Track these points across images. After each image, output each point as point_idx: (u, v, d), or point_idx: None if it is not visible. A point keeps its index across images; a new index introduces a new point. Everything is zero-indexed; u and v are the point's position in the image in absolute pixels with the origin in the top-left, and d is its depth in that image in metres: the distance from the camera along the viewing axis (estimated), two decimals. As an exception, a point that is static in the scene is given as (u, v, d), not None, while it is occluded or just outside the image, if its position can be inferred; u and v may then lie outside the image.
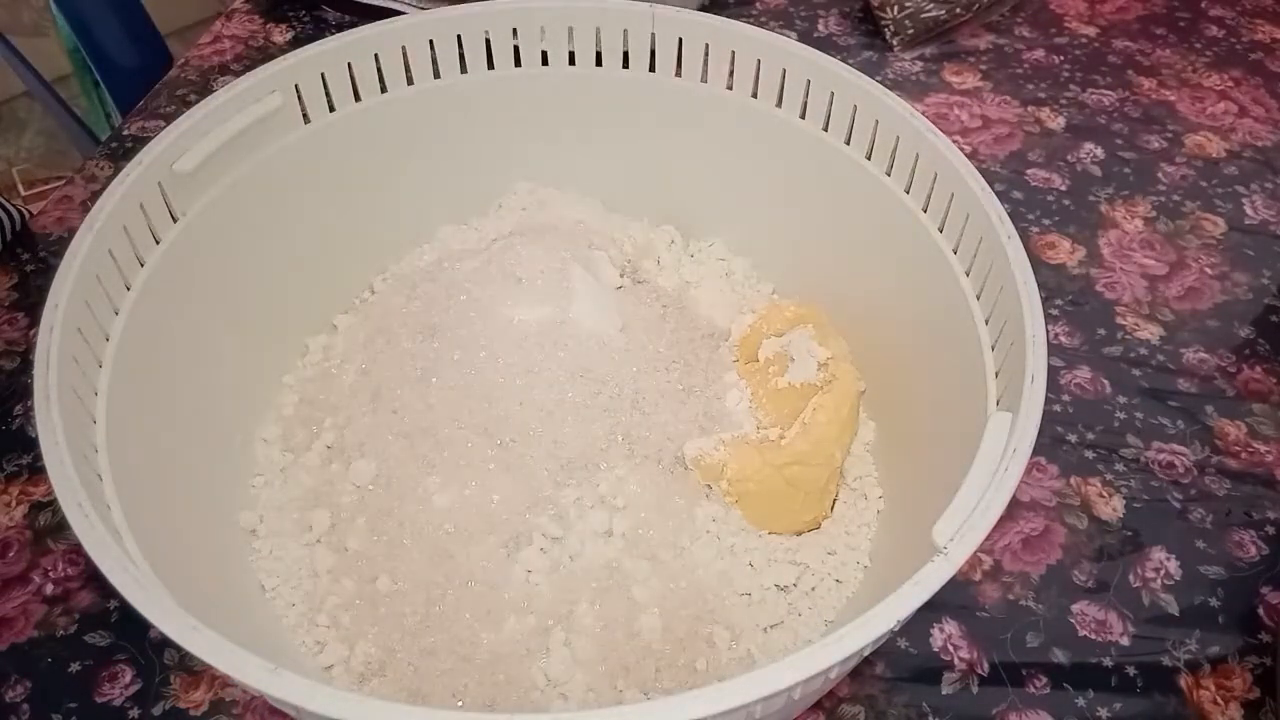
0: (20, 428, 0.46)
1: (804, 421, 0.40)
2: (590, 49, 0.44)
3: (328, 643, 0.38)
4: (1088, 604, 0.42)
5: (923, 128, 0.38)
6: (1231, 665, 0.40)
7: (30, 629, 0.40)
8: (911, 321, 0.41)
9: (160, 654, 0.39)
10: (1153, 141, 0.60)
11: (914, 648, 0.40)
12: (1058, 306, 0.52)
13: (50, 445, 0.30)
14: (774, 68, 0.42)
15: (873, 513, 0.42)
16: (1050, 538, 0.44)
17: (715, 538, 0.41)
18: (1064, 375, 0.49)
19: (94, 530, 0.28)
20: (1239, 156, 0.59)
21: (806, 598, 0.40)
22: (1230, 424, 0.47)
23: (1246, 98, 0.62)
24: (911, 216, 0.40)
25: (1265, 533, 0.44)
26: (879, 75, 0.62)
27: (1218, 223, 0.56)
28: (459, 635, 0.38)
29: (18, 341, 0.48)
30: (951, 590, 0.28)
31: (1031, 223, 0.55)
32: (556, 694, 0.37)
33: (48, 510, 0.43)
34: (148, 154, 0.37)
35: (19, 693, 0.38)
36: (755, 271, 0.49)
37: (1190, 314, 0.52)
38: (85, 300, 0.34)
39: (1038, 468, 0.46)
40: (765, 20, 0.66)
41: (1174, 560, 0.43)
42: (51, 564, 0.42)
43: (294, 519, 0.41)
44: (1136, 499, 0.45)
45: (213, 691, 0.38)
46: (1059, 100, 0.62)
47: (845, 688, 0.39)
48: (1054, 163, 0.59)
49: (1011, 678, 0.40)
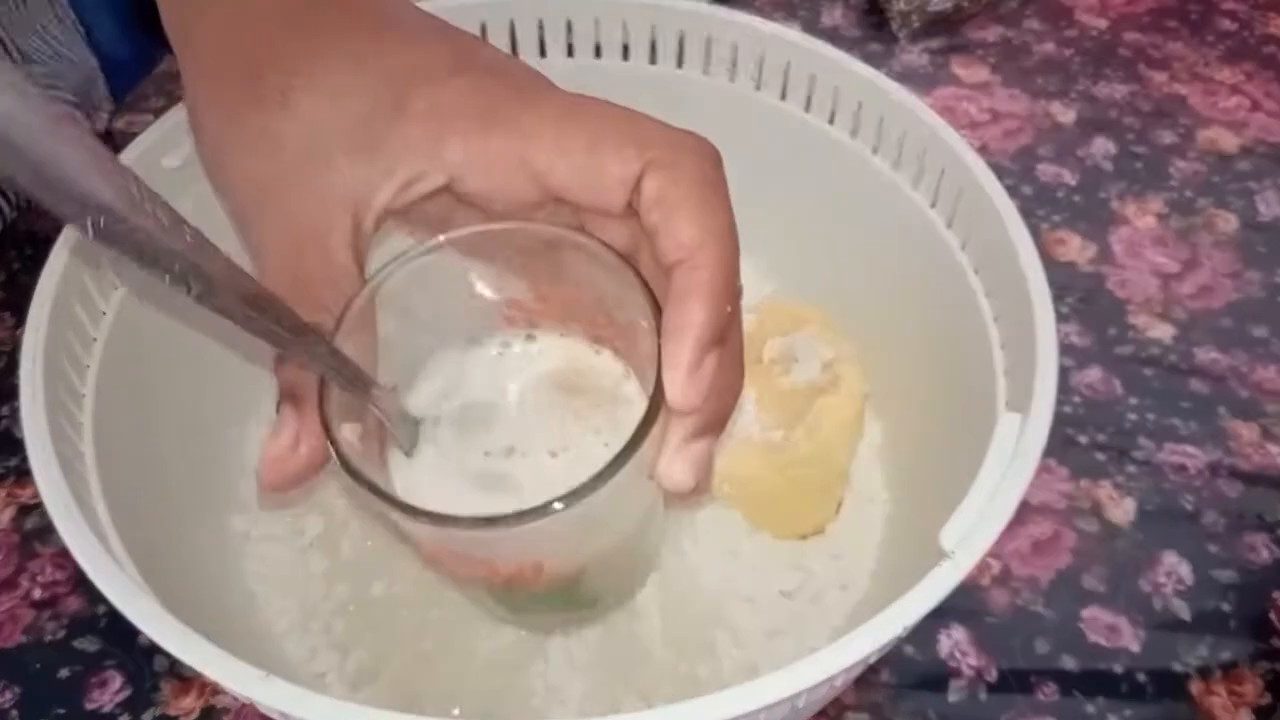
0: (7, 429, 0.45)
1: (808, 423, 0.40)
2: (589, 41, 0.43)
3: (320, 649, 0.38)
4: (1098, 609, 0.41)
5: (931, 121, 0.38)
6: (1243, 671, 0.39)
7: (18, 634, 0.39)
8: (918, 321, 0.41)
9: (150, 660, 0.39)
10: (1165, 136, 0.59)
11: (920, 654, 0.40)
12: (1068, 305, 0.51)
13: (36, 447, 0.30)
14: (777, 60, 0.41)
15: (879, 516, 0.41)
16: (1060, 542, 0.43)
17: (717, 541, 0.40)
18: (1074, 375, 0.48)
19: (81, 534, 0.28)
20: (1252, 152, 0.58)
21: (811, 603, 0.39)
22: (1244, 425, 0.47)
23: (1259, 92, 0.62)
24: (919, 212, 0.39)
25: (1278, 536, 0.43)
26: (885, 68, 0.61)
27: (1230, 219, 0.55)
28: (455, 641, 0.38)
29: (4, 341, 0.48)
30: (959, 595, 0.28)
31: (1041, 219, 0.55)
32: (555, 701, 0.37)
33: (35, 513, 0.43)
34: (135, 149, 0.36)
35: (7, 699, 0.38)
36: (757, 270, 0.48)
37: (1203, 313, 0.51)
38: (73, 300, 0.34)
39: (1047, 470, 0.45)
40: (769, 12, 0.65)
41: (1186, 564, 0.42)
42: (39, 568, 0.41)
43: (286, 523, 0.41)
44: (1148, 502, 0.44)
45: (203, 698, 0.38)
46: (1069, 94, 0.61)
47: (850, 695, 0.38)
48: (1064, 158, 0.58)
49: (1020, 685, 0.39)
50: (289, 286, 0.28)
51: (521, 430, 0.30)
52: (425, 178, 0.28)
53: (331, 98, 0.28)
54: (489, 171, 0.27)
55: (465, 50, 0.29)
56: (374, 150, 0.27)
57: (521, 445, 0.30)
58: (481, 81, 0.28)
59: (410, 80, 0.28)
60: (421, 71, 0.28)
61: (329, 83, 0.28)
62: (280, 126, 0.28)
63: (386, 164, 0.27)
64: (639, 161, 0.26)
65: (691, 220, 0.25)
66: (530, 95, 0.28)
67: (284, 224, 0.28)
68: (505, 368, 0.31)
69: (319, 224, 0.28)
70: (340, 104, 0.28)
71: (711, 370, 0.25)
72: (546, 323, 0.31)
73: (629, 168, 0.26)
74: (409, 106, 0.27)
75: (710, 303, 0.25)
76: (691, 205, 0.26)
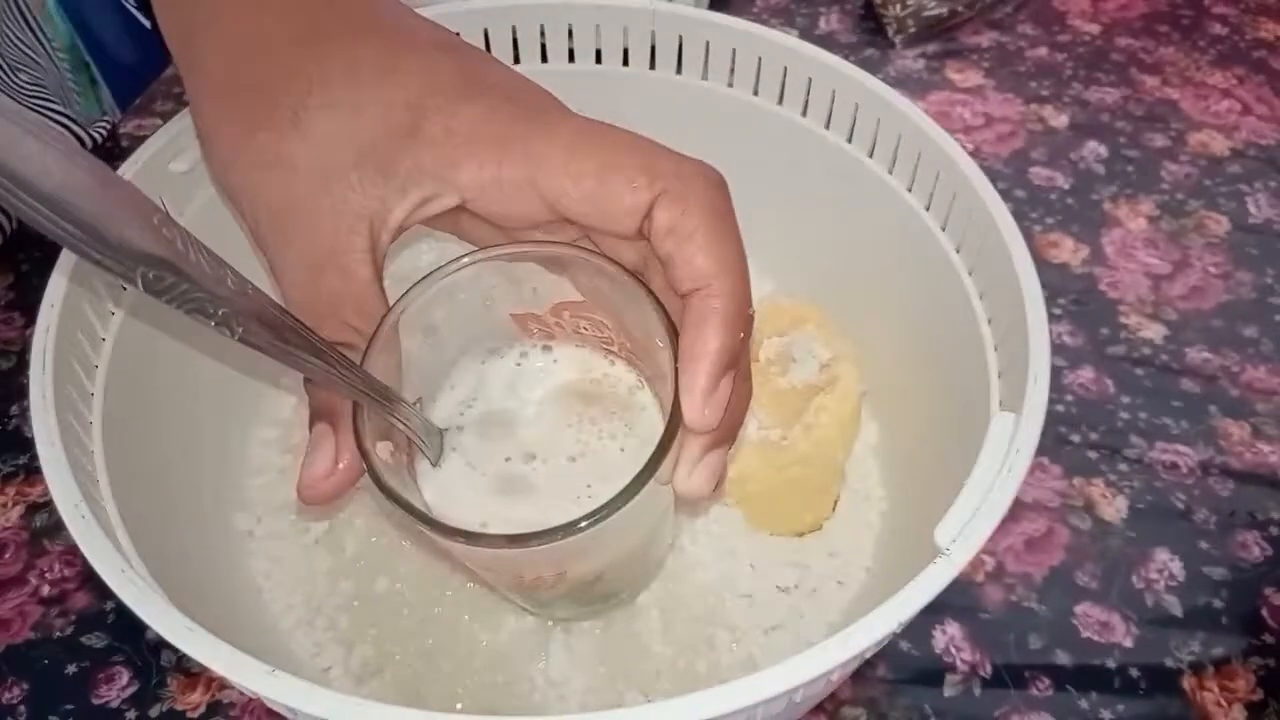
0: (16, 428, 0.46)
1: (805, 422, 0.40)
2: (590, 46, 0.44)
3: (325, 644, 0.38)
4: (1091, 605, 0.41)
5: (925, 125, 0.38)
6: (1235, 667, 0.40)
7: (27, 630, 0.40)
8: (914, 321, 0.41)
9: (157, 656, 0.39)
10: (1156, 140, 0.59)
11: (916, 649, 0.40)
12: (1061, 306, 0.51)
13: (46, 446, 0.30)
14: (775, 65, 0.42)
15: (875, 514, 0.42)
16: (1053, 539, 0.43)
17: (716, 539, 0.41)
18: (1067, 375, 0.49)
19: (90, 531, 0.28)
20: (1243, 155, 0.59)
21: (808, 599, 0.39)
22: (1234, 424, 0.47)
23: (1250, 96, 0.62)
24: (914, 215, 0.39)
25: (1269, 534, 0.44)
26: (881, 73, 0.62)
27: (1221, 221, 0.56)
28: (458, 637, 0.38)
29: (14, 341, 0.48)
30: (954, 592, 0.28)
31: (1034, 221, 0.55)
32: (555, 696, 0.37)
33: (44, 511, 0.43)
34: (143, 153, 0.37)
35: (16, 695, 0.38)
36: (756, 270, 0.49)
37: (1194, 313, 0.51)
38: (81, 301, 0.34)
39: (1040, 468, 0.45)
40: (766, 17, 0.66)
41: (1177, 561, 0.43)
42: (48, 565, 0.41)
43: (291, 520, 0.41)
44: (1140, 500, 0.44)
45: (210, 693, 0.38)
46: (1062, 98, 0.62)
47: (847, 690, 0.39)
48: (1057, 161, 0.58)
49: (1014, 680, 0.39)
50: (312, 306, 0.28)
51: (541, 437, 0.31)
52: (438, 198, 0.28)
53: (344, 119, 0.28)
54: (501, 196, 0.27)
55: (474, 70, 0.29)
56: (388, 171, 0.28)
57: (541, 451, 0.30)
58: (494, 107, 0.28)
59: (421, 102, 0.28)
60: (432, 93, 0.28)
61: (341, 104, 0.28)
62: (293, 148, 0.28)
63: (400, 184, 0.28)
64: (649, 192, 0.26)
65: (704, 250, 0.26)
66: (541, 122, 0.28)
67: (302, 246, 0.28)
68: (524, 378, 0.32)
69: (336, 244, 0.28)
70: (352, 125, 0.28)
71: (727, 393, 0.26)
72: (562, 334, 0.32)
73: (640, 197, 0.26)
74: (422, 131, 0.27)
75: (725, 331, 0.26)
76: (703, 235, 0.26)
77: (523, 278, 0.31)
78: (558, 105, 0.30)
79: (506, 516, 0.28)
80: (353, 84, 0.28)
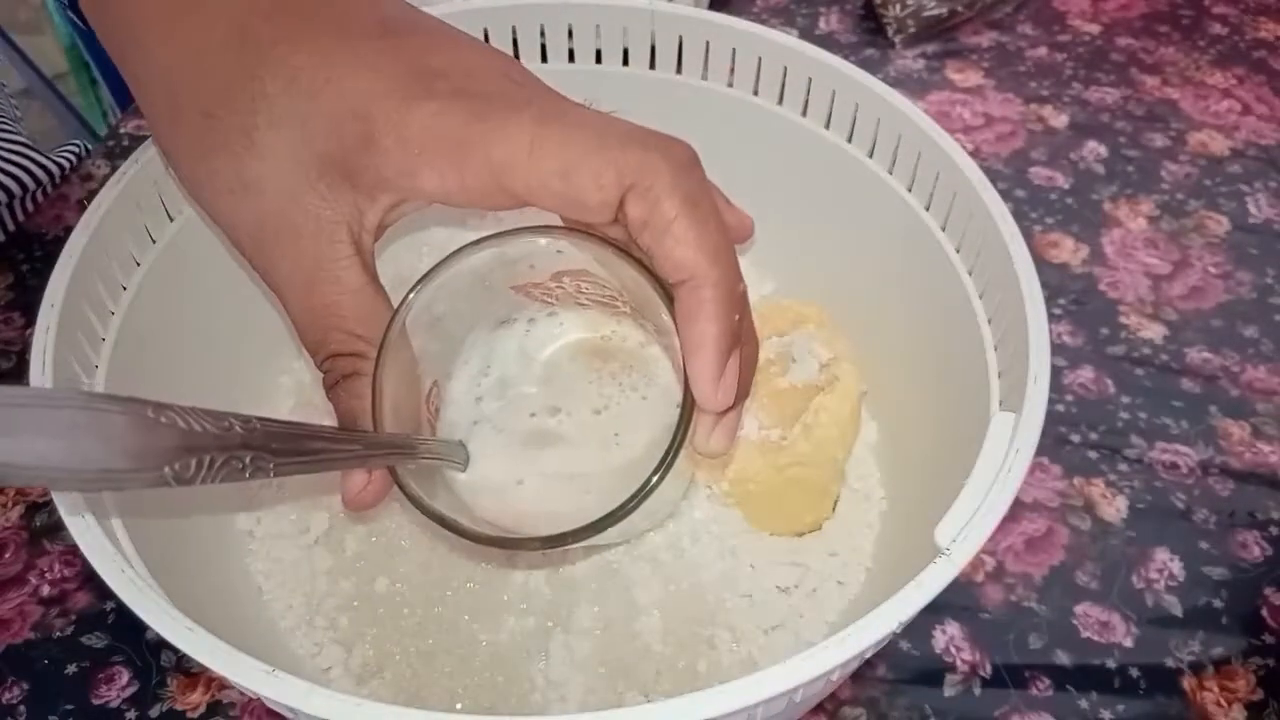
0: (17, 428, 0.45)
1: (805, 422, 0.40)
2: (590, 46, 0.44)
3: (325, 644, 0.38)
4: (1091, 605, 0.41)
5: (925, 125, 0.38)
6: (1235, 667, 0.40)
7: (27, 630, 0.40)
8: (914, 321, 0.41)
9: (157, 656, 0.39)
10: (1156, 140, 0.59)
11: (916, 649, 0.40)
12: (1061, 306, 0.51)
13: (46, 446, 0.30)
14: (774, 65, 0.42)
15: (875, 514, 0.42)
16: (1053, 539, 0.43)
17: (716, 539, 0.41)
18: (1067, 375, 0.49)
19: (90, 531, 0.28)
20: (1243, 155, 0.59)
21: (808, 599, 0.39)
22: (1234, 424, 0.47)
23: (1250, 96, 0.62)
24: (914, 215, 0.39)
25: (1269, 534, 0.44)
26: (880, 73, 0.62)
27: (1221, 221, 0.56)
28: (458, 637, 0.38)
29: (14, 341, 0.48)
30: (954, 592, 0.28)
31: (1034, 221, 0.55)
32: (556, 696, 0.37)
33: (44, 511, 0.43)
34: (144, 153, 0.37)
35: (15, 695, 0.38)
36: (756, 270, 0.49)
37: (1194, 313, 0.51)
38: (81, 300, 0.34)
39: (1040, 468, 0.45)
40: (766, 17, 0.66)
41: (1177, 561, 0.43)
42: (48, 565, 0.41)
43: (291, 520, 0.41)
44: (1140, 500, 0.45)
45: (210, 693, 0.38)
46: (1062, 98, 0.62)
47: (847, 690, 0.39)
48: (1057, 161, 0.58)
49: (1014, 679, 0.39)
50: (313, 322, 0.28)
51: (562, 393, 0.32)
52: (408, 201, 0.28)
53: (295, 134, 0.27)
54: (469, 198, 0.27)
55: (419, 60, 0.28)
56: (353, 181, 0.28)
57: (566, 405, 0.31)
58: (445, 105, 0.27)
59: (368, 109, 0.27)
60: (378, 97, 0.27)
61: (287, 120, 0.27)
62: (255, 170, 0.28)
63: (368, 191, 0.28)
64: (617, 189, 0.26)
65: (682, 241, 0.26)
66: (498, 118, 0.26)
67: (290, 264, 0.28)
68: (534, 340, 0.33)
69: (320, 256, 0.28)
70: (304, 138, 0.27)
71: (735, 371, 0.27)
72: (565, 298, 0.33)
73: (608, 195, 0.26)
74: (376, 143, 0.27)
75: (719, 317, 0.26)
76: (679, 225, 0.26)
77: (517, 257, 0.31)
78: (511, 85, 0.28)
79: (540, 469, 0.30)
80: (293, 96, 0.27)
